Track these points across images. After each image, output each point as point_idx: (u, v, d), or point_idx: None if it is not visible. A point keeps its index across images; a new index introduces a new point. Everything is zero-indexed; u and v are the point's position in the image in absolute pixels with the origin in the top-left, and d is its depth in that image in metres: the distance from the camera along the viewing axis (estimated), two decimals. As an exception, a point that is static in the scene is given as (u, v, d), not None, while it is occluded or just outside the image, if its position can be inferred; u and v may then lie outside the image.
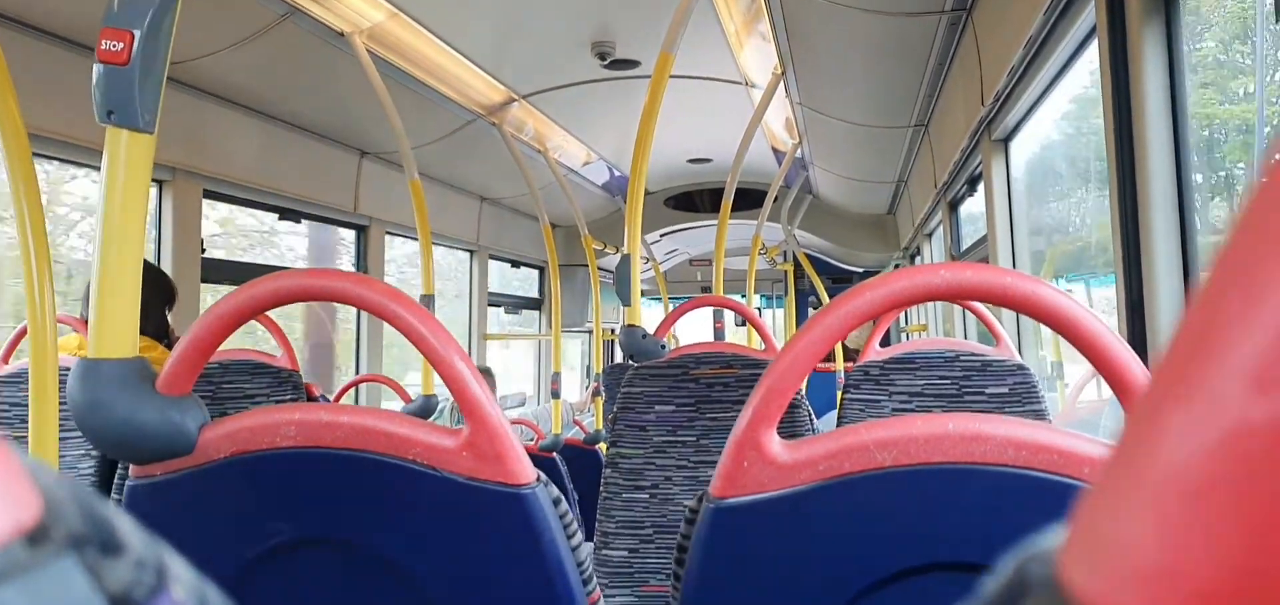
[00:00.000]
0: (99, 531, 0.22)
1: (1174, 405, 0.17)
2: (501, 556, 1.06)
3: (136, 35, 1.16)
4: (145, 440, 1.07)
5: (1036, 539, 0.21)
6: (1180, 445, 0.16)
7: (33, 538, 0.20)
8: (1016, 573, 0.21)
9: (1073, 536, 0.19)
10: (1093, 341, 0.91)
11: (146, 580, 0.22)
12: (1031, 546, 0.21)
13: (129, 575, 0.22)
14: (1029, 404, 2.45)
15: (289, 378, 2.85)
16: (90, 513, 0.22)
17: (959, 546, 0.91)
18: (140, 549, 0.23)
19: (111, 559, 0.21)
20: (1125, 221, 1.97)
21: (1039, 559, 0.20)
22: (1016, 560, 0.21)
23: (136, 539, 0.23)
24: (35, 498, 0.21)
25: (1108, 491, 0.18)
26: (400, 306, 1.06)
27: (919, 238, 6.25)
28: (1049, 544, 0.21)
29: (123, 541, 0.22)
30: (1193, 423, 0.16)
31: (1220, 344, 0.16)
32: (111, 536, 0.22)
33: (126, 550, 0.22)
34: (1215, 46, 2.50)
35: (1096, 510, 0.19)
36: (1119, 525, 0.17)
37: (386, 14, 3.58)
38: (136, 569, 0.22)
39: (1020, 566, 0.21)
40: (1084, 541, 0.19)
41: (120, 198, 1.18)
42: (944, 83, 3.92)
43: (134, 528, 0.23)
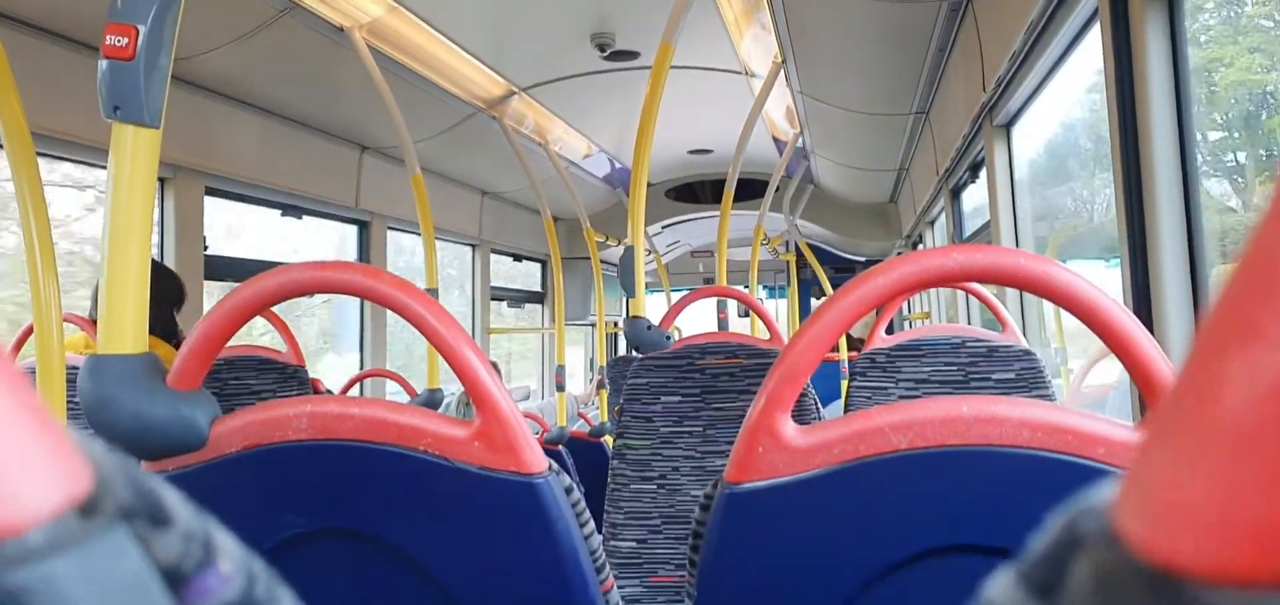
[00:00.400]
0: (148, 504, 0.22)
1: (1232, 348, 0.17)
2: (515, 546, 1.06)
3: (141, 30, 1.16)
4: (156, 435, 1.07)
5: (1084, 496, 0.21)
6: (1240, 388, 0.16)
7: (85, 509, 0.20)
8: (1067, 528, 0.21)
9: (1127, 487, 0.19)
10: (1106, 320, 0.91)
11: (195, 552, 0.22)
12: (1080, 502, 0.21)
13: (178, 547, 0.22)
14: (1036, 389, 2.45)
15: (295, 373, 2.85)
16: (139, 486, 0.22)
17: (975, 528, 0.91)
18: (189, 522, 0.23)
19: (161, 531, 0.21)
20: (1130, 205, 1.97)
21: (1091, 513, 0.20)
22: (1065, 517, 0.21)
23: (185, 512, 0.23)
24: (86, 470, 0.21)
25: (1163, 439, 0.18)
26: (410, 298, 1.06)
27: (921, 225, 6.25)
28: (1099, 499, 0.20)
29: (172, 514, 0.22)
30: (1252, 365, 0.16)
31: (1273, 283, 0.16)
32: (160, 509, 0.22)
33: (175, 523, 0.22)
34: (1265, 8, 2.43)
35: (1152, 459, 0.18)
36: (1177, 472, 0.17)
37: (386, 8, 3.57)
38: (185, 541, 0.22)
39: (1070, 522, 0.21)
40: (1140, 491, 0.19)
41: (127, 193, 1.18)
42: (945, 69, 3.91)
43: (181, 501, 0.23)
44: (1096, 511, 0.20)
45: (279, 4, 3.30)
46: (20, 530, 0.18)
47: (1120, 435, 0.89)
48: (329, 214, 5.00)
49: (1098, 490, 0.21)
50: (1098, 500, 0.21)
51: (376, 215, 5.22)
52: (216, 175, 4.01)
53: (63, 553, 0.19)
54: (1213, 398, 0.17)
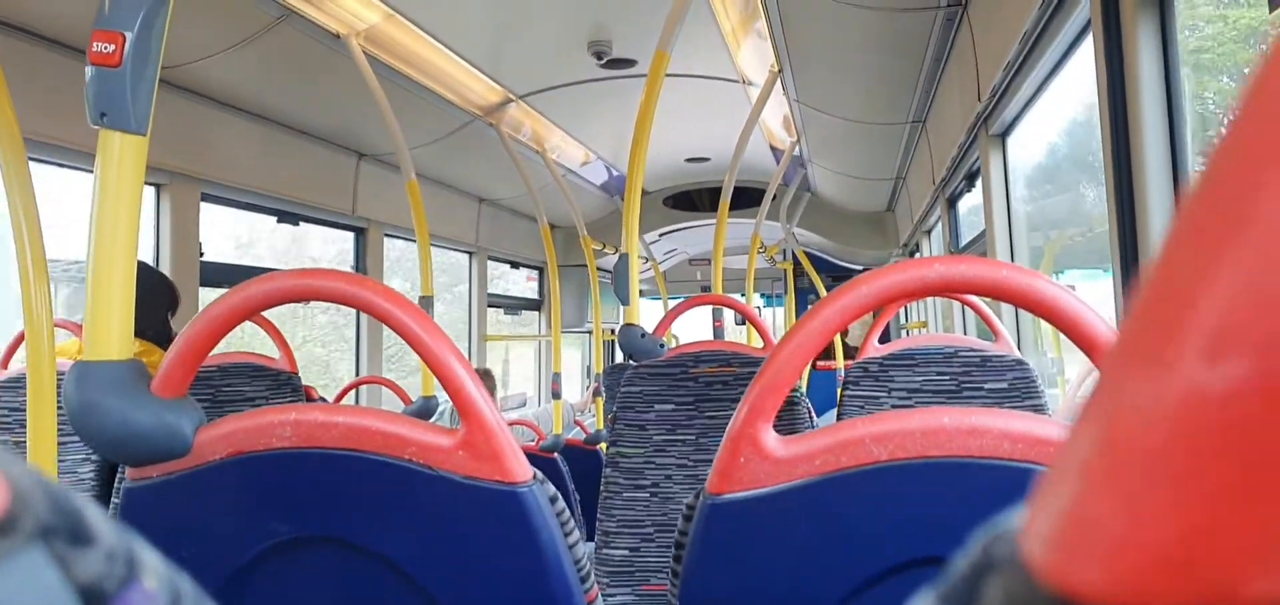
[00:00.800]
0: (68, 522, 0.21)
1: (1130, 375, 0.17)
2: (498, 554, 1.05)
3: (128, 37, 1.16)
4: (141, 442, 1.07)
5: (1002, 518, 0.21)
6: (1136, 415, 0.16)
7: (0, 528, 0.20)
8: (982, 552, 0.21)
9: (1034, 512, 0.19)
10: (1088, 334, 0.91)
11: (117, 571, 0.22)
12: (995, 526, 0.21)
13: (99, 566, 0.22)
14: (1029, 399, 2.45)
15: (288, 380, 2.85)
16: (59, 503, 0.21)
17: (956, 541, 0.91)
18: (111, 540, 0.22)
19: (81, 549, 0.21)
20: (1122, 215, 1.97)
21: (1003, 538, 0.20)
22: (982, 540, 0.21)
23: (107, 530, 0.22)
24: (3, 487, 0.20)
25: (1067, 465, 0.18)
26: (396, 307, 1.06)
27: (918, 234, 6.25)
28: (1012, 521, 0.20)
29: (93, 532, 0.22)
30: (1148, 392, 0.16)
31: (1173, 312, 0.16)
32: (81, 527, 0.22)
33: (97, 541, 0.22)
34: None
35: (1056, 484, 0.18)
36: (1078, 497, 0.17)
37: (382, 16, 3.57)
38: (107, 560, 0.22)
39: (986, 546, 0.21)
40: (1044, 516, 0.19)
41: (113, 200, 1.18)
42: (941, 78, 3.92)
43: (104, 519, 0.23)
44: (1007, 535, 0.20)
45: (275, 11, 3.31)
46: None
47: None
48: (325, 221, 5.00)
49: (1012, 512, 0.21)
50: (1010, 522, 0.21)
51: (373, 222, 5.22)
52: (212, 182, 4.01)
53: None
54: (1114, 423, 0.17)
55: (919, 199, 5.65)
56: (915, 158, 5.40)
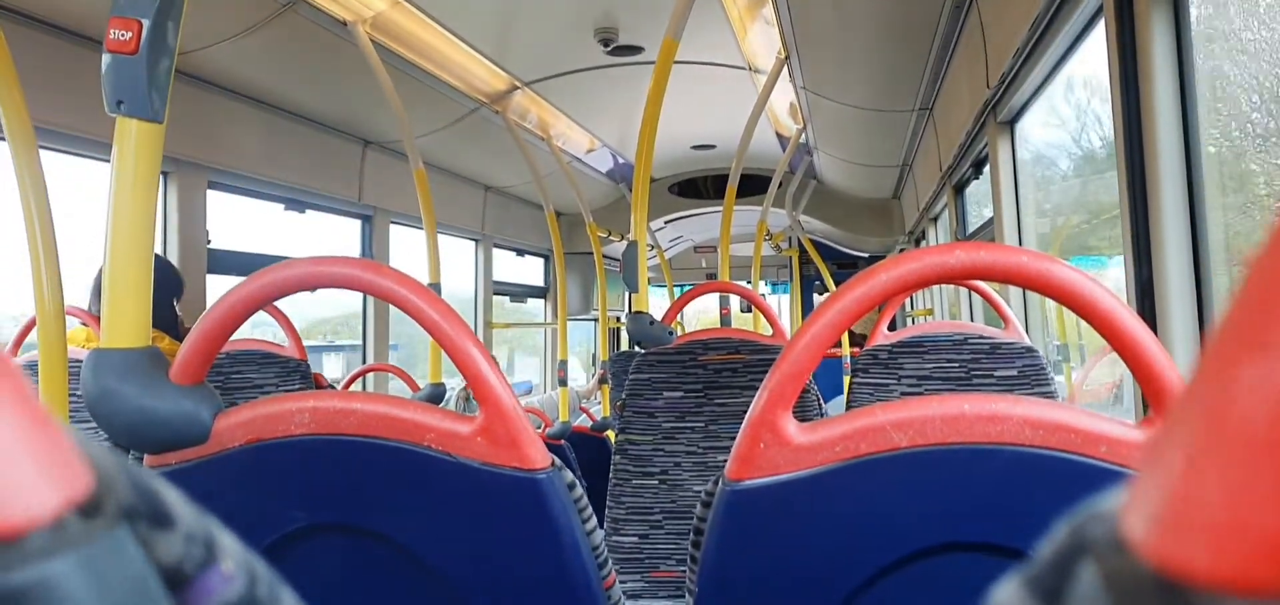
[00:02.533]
0: (150, 505, 0.22)
1: (1243, 357, 0.17)
2: (517, 541, 1.06)
3: (145, 24, 1.16)
4: (159, 429, 1.07)
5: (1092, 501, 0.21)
6: (1253, 397, 0.16)
7: (85, 510, 0.20)
8: (1073, 534, 0.21)
9: (1136, 494, 0.19)
10: (1108, 318, 0.91)
11: (197, 553, 0.22)
12: (1088, 508, 0.21)
13: (180, 548, 0.22)
14: (1038, 386, 2.44)
15: (297, 367, 2.85)
16: (141, 486, 0.22)
17: (977, 526, 0.91)
18: (190, 522, 0.23)
19: (163, 532, 0.21)
20: (1135, 203, 1.96)
21: (1098, 518, 0.20)
22: (1072, 522, 0.21)
23: (186, 512, 0.23)
24: (87, 471, 0.20)
25: (1174, 446, 0.18)
26: (412, 292, 1.06)
27: (924, 222, 6.24)
28: (1107, 504, 0.20)
29: (173, 515, 0.22)
30: (1264, 374, 0.16)
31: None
32: (162, 510, 0.22)
33: (177, 523, 0.22)
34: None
35: (1162, 466, 0.18)
36: (1188, 479, 0.17)
37: (389, 2, 3.57)
38: (187, 542, 0.22)
39: (1077, 528, 0.21)
40: (1149, 498, 0.19)
41: (130, 187, 1.18)
42: (949, 65, 3.91)
43: (183, 502, 0.23)
44: (1104, 517, 0.20)
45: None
46: (19, 532, 0.18)
47: (1123, 434, 0.89)
48: (332, 208, 5.00)
49: (1105, 495, 0.21)
50: (1105, 505, 0.20)
51: (380, 210, 5.22)
52: (220, 169, 4.01)
53: (62, 554, 0.19)
54: (1224, 406, 0.17)
55: (925, 187, 5.64)
56: (922, 145, 5.39)
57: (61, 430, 0.20)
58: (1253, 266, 0.17)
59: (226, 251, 4.18)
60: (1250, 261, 0.18)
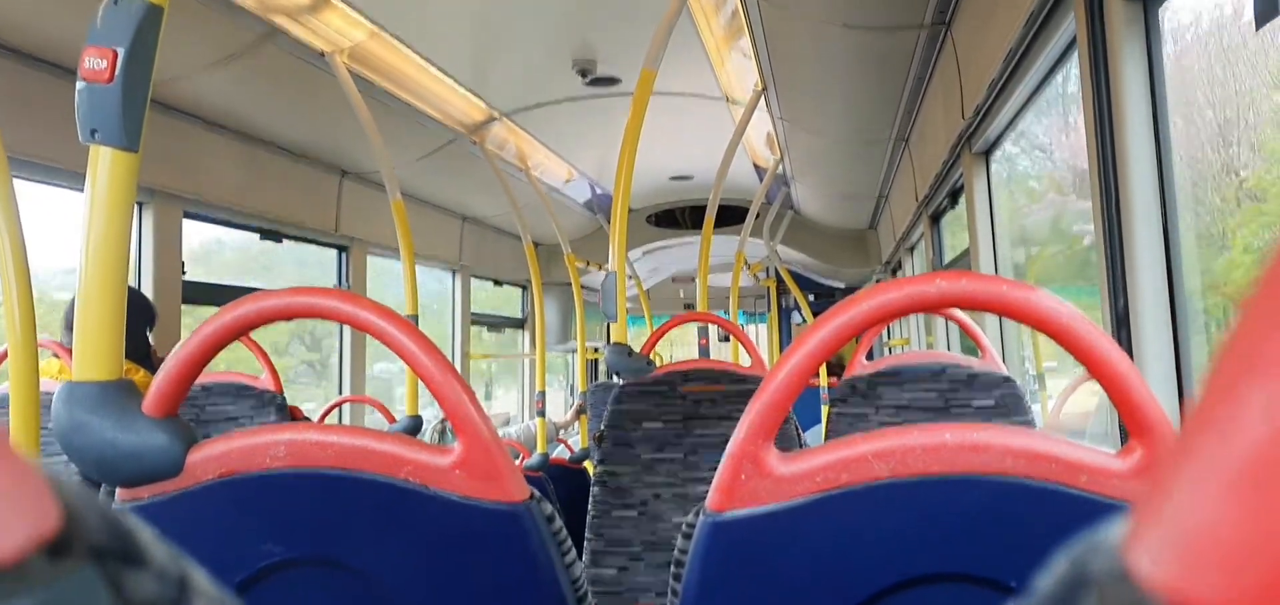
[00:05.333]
0: (121, 543, 0.21)
1: (1250, 384, 0.16)
2: (496, 575, 1.04)
3: (120, 53, 1.15)
4: (131, 462, 1.06)
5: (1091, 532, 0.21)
6: (1259, 424, 0.16)
7: (53, 549, 0.19)
8: (1074, 568, 0.20)
9: (1140, 524, 0.19)
10: (1086, 346, 0.91)
11: (169, 593, 0.21)
12: (1088, 540, 0.21)
13: (151, 587, 0.21)
14: (1016, 415, 2.45)
15: (273, 399, 2.83)
16: (112, 524, 0.21)
17: (959, 557, 0.91)
18: (162, 561, 0.22)
19: (133, 571, 0.21)
20: (1109, 232, 1.98)
21: (1100, 551, 0.20)
22: (1072, 555, 0.21)
23: (159, 551, 0.22)
24: (55, 508, 0.20)
25: (1178, 476, 0.18)
26: (390, 324, 1.05)
27: (900, 252, 6.28)
28: (1109, 536, 0.20)
29: (145, 553, 0.21)
30: (1272, 400, 0.16)
31: None
32: (133, 548, 0.21)
33: (149, 562, 0.21)
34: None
35: (1167, 496, 0.18)
36: (1195, 510, 0.17)
37: (367, 33, 3.57)
38: (158, 581, 0.21)
39: (1078, 560, 0.20)
40: (1155, 529, 0.18)
41: (104, 217, 1.16)
42: (924, 97, 3.94)
43: (156, 540, 0.22)
44: (1106, 548, 0.20)
45: (260, 28, 3.29)
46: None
47: (1104, 463, 0.89)
48: (308, 238, 4.98)
49: (1104, 527, 0.21)
50: (1107, 537, 0.20)
51: (356, 240, 5.20)
52: (195, 199, 3.99)
53: (27, 595, 0.18)
54: (1233, 432, 0.17)
55: (902, 217, 5.68)
56: (898, 176, 5.43)
57: (29, 465, 0.20)
58: (1257, 289, 0.17)
59: (201, 283, 4.15)
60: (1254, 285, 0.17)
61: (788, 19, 3.29)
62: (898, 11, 3.14)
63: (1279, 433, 0.16)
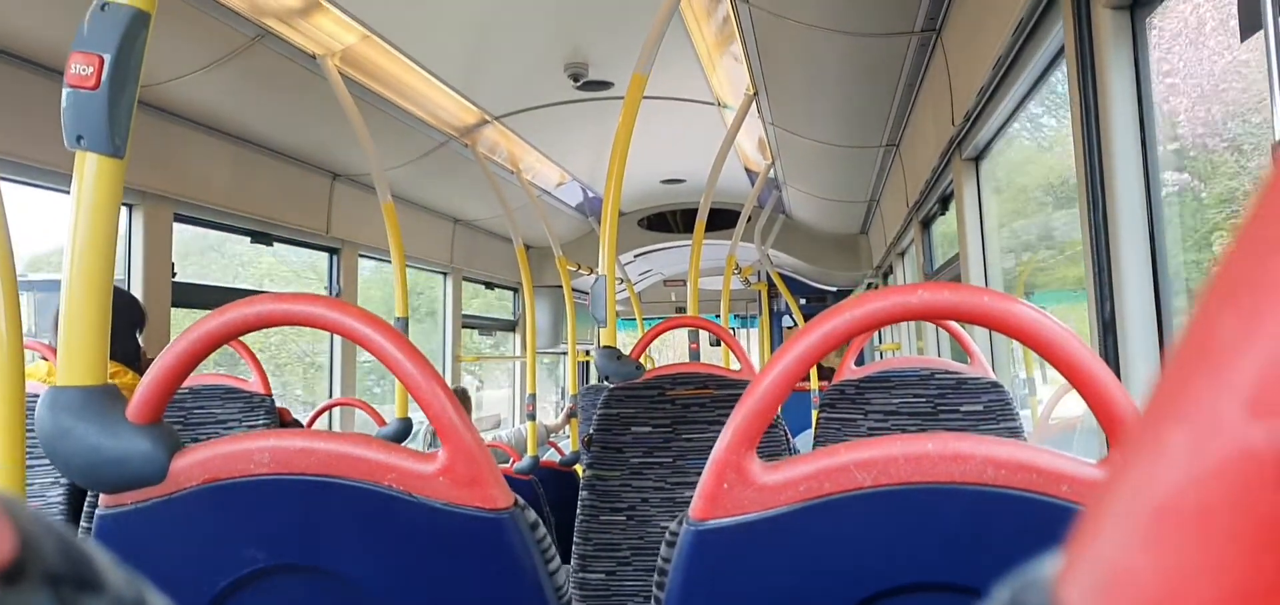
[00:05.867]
0: (76, 568, 0.21)
1: (1171, 429, 0.17)
2: (478, 582, 1.04)
3: (107, 59, 1.15)
4: (115, 468, 1.05)
5: (1030, 566, 0.21)
6: (1179, 470, 0.16)
7: (8, 575, 0.19)
8: (1012, 601, 0.21)
9: (1069, 564, 0.19)
10: (1067, 358, 0.91)
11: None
12: (1025, 574, 0.21)
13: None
14: (1004, 421, 2.46)
15: (262, 403, 2.82)
16: (68, 549, 0.21)
17: (941, 566, 0.91)
18: (119, 587, 0.22)
19: (89, 597, 0.21)
20: (1096, 240, 1.99)
21: (1034, 587, 0.20)
22: (1011, 589, 0.21)
23: (115, 576, 0.22)
24: (10, 534, 0.20)
25: (1104, 517, 0.18)
26: (374, 330, 1.05)
27: (891, 257, 6.29)
28: (1043, 572, 0.20)
29: (101, 579, 0.21)
30: (1191, 447, 0.16)
31: (1218, 366, 0.16)
32: (90, 573, 0.21)
33: (105, 588, 0.21)
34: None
35: (1093, 536, 0.18)
36: (1117, 552, 0.17)
37: (359, 36, 3.57)
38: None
39: (1015, 596, 0.21)
40: (1081, 569, 0.18)
41: (89, 222, 1.16)
42: (915, 103, 3.95)
43: (113, 564, 0.22)
44: (1038, 585, 0.20)
45: (251, 31, 3.29)
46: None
47: (1085, 473, 0.89)
48: (300, 241, 4.97)
49: (1042, 560, 0.21)
50: (1041, 572, 0.20)
51: (347, 243, 5.19)
52: (186, 201, 3.98)
53: None
54: (1156, 479, 0.17)
55: (893, 222, 5.69)
56: (889, 181, 5.44)
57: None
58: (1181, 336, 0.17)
59: (191, 284, 4.14)
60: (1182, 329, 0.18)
61: (779, 24, 3.29)
62: (888, 18, 3.15)
63: (1195, 481, 0.16)
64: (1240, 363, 0.16)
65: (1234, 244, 0.17)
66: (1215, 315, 0.17)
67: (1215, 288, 0.17)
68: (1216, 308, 0.17)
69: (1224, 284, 0.17)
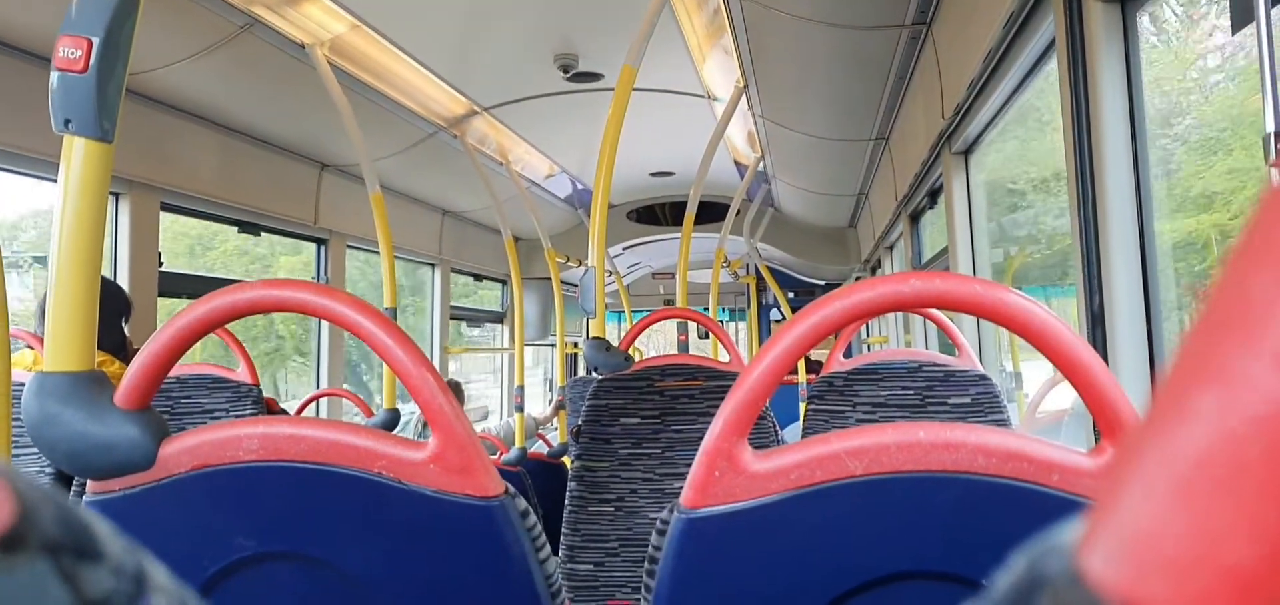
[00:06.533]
0: (76, 537, 0.21)
1: (1202, 389, 0.17)
2: (469, 570, 1.04)
3: (95, 42, 1.14)
4: (102, 454, 1.05)
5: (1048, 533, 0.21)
6: (1210, 429, 0.16)
7: (6, 542, 0.19)
8: (1030, 569, 0.20)
9: (1093, 528, 0.19)
10: (1059, 347, 0.91)
11: (125, 588, 0.21)
12: (1044, 541, 0.21)
13: (107, 582, 0.21)
14: (991, 413, 2.47)
15: (249, 392, 2.81)
16: (67, 518, 0.21)
17: (932, 555, 0.91)
18: (119, 556, 0.22)
19: (89, 565, 0.21)
20: (1086, 232, 1.99)
21: (1055, 552, 0.20)
22: (1029, 555, 0.21)
23: (115, 546, 0.22)
24: (10, 502, 0.20)
25: (1131, 480, 0.18)
26: (366, 318, 1.05)
27: (879, 250, 6.30)
28: (1064, 538, 0.20)
29: (101, 548, 0.21)
30: (1223, 406, 0.16)
31: (1249, 326, 0.16)
32: (89, 543, 0.21)
33: (105, 557, 0.21)
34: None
35: (1119, 500, 0.18)
36: (1145, 513, 0.17)
37: (348, 26, 3.55)
38: (115, 576, 0.21)
39: (1034, 561, 0.20)
40: (1107, 532, 0.18)
41: (77, 208, 1.15)
42: (904, 96, 3.96)
43: (113, 534, 0.22)
44: (1060, 549, 0.20)
45: (239, 20, 3.27)
46: None
47: (1075, 462, 0.89)
48: (287, 231, 4.95)
49: (1061, 527, 0.21)
50: (1061, 538, 0.20)
51: (336, 233, 5.17)
52: (173, 190, 3.96)
53: None
54: (1182, 437, 0.17)
55: (881, 215, 5.70)
56: (878, 174, 5.45)
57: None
58: (1207, 298, 0.17)
59: (178, 273, 4.12)
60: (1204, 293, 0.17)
61: (769, 16, 3.29)
62: (879, 11, 3.15)
63: (1227, 439, 0.16)
64: (1271, 321, 0.16)
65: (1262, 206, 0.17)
66: (1245, 276, 0.17)
67: (1244, 249, 0.17)
68: (1246, 268, 0.17)
69: (1254, 245, 0.17)
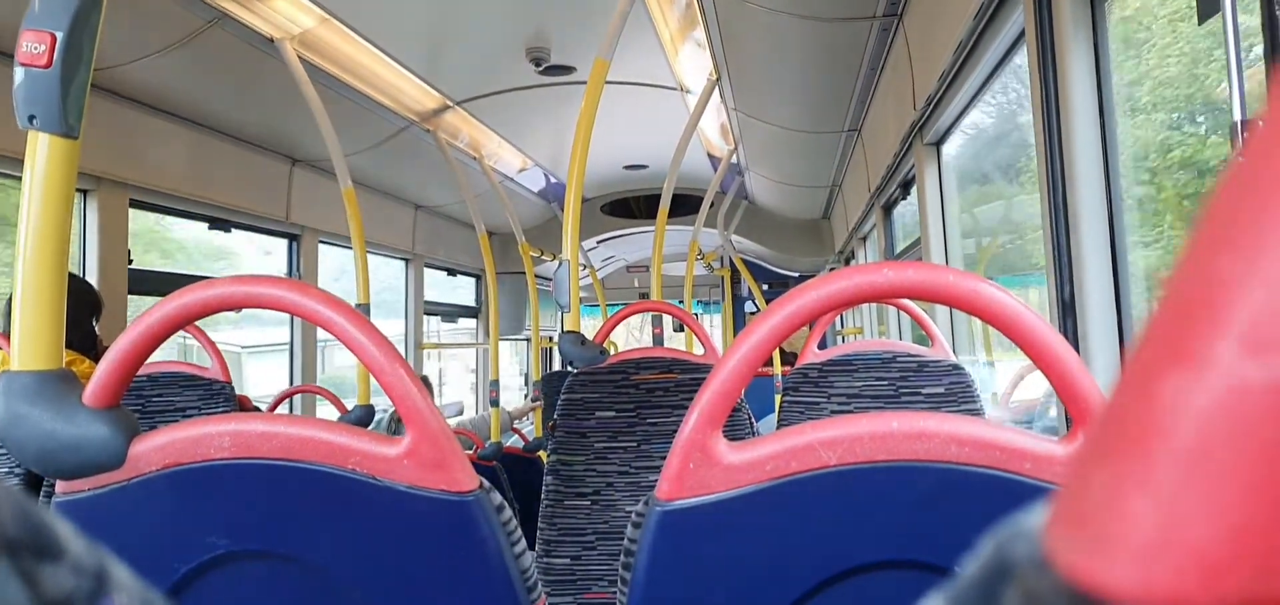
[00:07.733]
0: (35, 536, 0.20)
1: (1166, 371, 0.17)
2: (444, 566, 1.04)
3: (59, 37, 1.12)
4: (71, 453, 1.03)
5: (1015, 518, 0.21)
6: (1175, 411, 0.16)
7: None
8: (998, 553, 0.20)
9: (1059, 512, 0.19)
10: (1030, 336, 0.92)
11: (86, 586, 0.21)
12: (1010, 525, 0.21)
13: (68, 582, 0.20)
14: (965, 403, 2.48)
15: (221, 389, 2.79)
16: (26, 517, 0.20)
17: (906, 545, 0.92)
18: (80, 555, 0.21)
19: (48, 564, 0.20)
20: (1056, 221, 2.01)
21: (1022, 537, 0.20)
22: (995, 540, 0.21)
23: (76, 544, 0.21)
24: None
25: (1096, 462, 0.18)
26: (338, 313, 1.04)
27: (853, 241, 6.32)
28: (1030, 522, 0.20)
29: (61, 547, 0.21)
30: (1187, 388, 0.16)
31: (1213, 307, 0.16)
32: (49, 542, 0.21)
33: (65, 556, 0.21)
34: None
35: (1085, 483, 0.18)
36: (1111, 496, 0.17)
37: (317, 19, 3.52)
38: (75, 575, 0.21)
39: (1001, 546, 0.20)
40: (1073, 516, 0.18)
41: (43, 204, 1.14)
42: (876, 87, 3.97)
43: (73, 534, 0.22)
44: (1026, 534, 0.20)
45: (207, 14, 3.24)
46: None
47: (1046, 450, 0.90)
48: (259, 227, 4.92)
49: (1028, 512, 0.21)
50: (1028, 523, 0.20)
51: (308, 229, 5.14)
52: (142, 187, 3.92)
53: None
54: (1146, 420, 0.17)
55: (855, 207, 5.72)
56: (851, 166, 5.47)
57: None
58: (1171, 281, 0.17)
59: (148, 271, 4.08)
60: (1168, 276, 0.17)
61: (742, 8, 3.30)
62: (850, 2, 3.16)
63: (1192, 421, 0.16)
64: (1236, 302, 0.16)
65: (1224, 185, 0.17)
66: (1208, 255, 0.17)
67: (1207, 229, 0.17)
68: (1209, 248, 0.17)
69: (1216, 224, 0.17)
